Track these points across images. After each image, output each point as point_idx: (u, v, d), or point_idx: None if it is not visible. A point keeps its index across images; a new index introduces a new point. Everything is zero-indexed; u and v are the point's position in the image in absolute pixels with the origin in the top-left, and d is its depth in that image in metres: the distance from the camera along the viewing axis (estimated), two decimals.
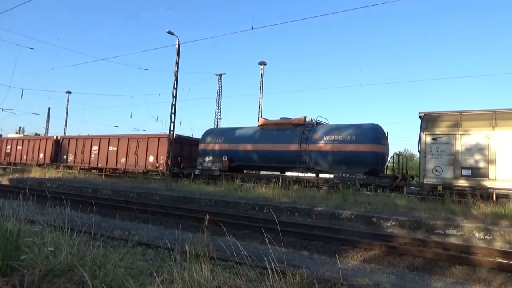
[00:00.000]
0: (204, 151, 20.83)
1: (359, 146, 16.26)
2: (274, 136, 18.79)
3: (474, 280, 6.12)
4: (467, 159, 13.81)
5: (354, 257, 7.46)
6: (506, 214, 10.35)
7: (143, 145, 24.58)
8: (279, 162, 18.58)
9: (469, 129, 13.96)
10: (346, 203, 12.72)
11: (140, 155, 24.66)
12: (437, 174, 14.24)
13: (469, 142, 13.90)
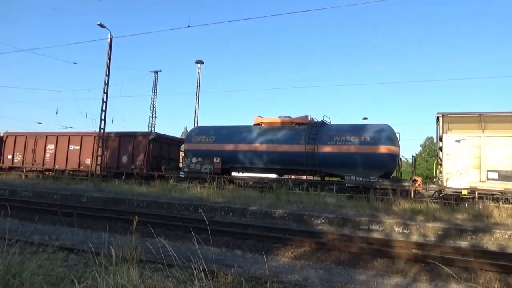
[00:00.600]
0: (191, 152, 18.87)
1: (375, 148, 15.32)
2: (275, 136, 17.28)
3: (393, 272, 6.60)
4: (493, 162, 13.53)
5: (286, 254, 7.67)
6: (421, 210, 11.33)
7: (115, 144, 21.81)
8: (282, 164, 17.18)
9: (494, 131, 13.65)
10: (279, 202, 13.05)
11: (111, 155, 21.76)
12: (461, 177, 13.77)
13: (495, 144, 13.54)
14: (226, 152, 18.00)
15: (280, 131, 17.49)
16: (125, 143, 21.48)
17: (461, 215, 11.06)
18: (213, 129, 19.10)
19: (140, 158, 20.76)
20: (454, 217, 10.87)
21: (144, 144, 20.87)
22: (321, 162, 16.18)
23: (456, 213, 11.36)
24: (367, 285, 5.60)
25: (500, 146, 13.46)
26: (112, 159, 21.76)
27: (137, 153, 20.97)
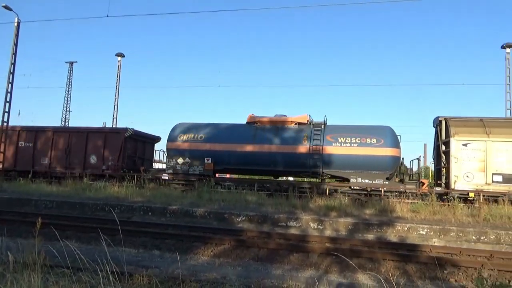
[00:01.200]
0: (176, 151, 17.08)
1: (382, 150, 15.05)
2: (275, 135, 16.26)
3: (307, 265, 6.97)
4: (498, 166, 14.07)
5: (205, 253, 7.67)
6: (335, 206, 12.09)
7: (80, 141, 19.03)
8: (283, 166, 16.14)
9: (498, 136, 14.21)
10: (201, 200, 12.99)
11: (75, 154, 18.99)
12: (468, 180, 14.16)
13: (498, 148, 14.08)
14: (219, 152, 16.55)
15: (279, 130, 16.46)
16: (94, 140, 18.83)
17: (369, 210, 12.03)
18: (202, 127, 17.49)
19: (113, 157, 18.37)
20: (363, 212, 11.79)
21: (118, 142, 18.43)
22: (326, 164, 15.62)
23: (365, 208, 12.34)
24: (282, 279, 5.82)
25: (503, 150, 14.08)
26: (76, 158, 18.97)
27: (109, 152, 18.53)
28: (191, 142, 16.89)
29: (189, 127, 17.52)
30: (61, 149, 19.18)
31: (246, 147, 16.23)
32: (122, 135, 18.53)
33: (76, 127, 19.69)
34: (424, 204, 12.20)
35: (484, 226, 10.06)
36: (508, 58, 21.59)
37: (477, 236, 9.44)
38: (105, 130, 19.40)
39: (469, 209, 11.94)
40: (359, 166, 15.20)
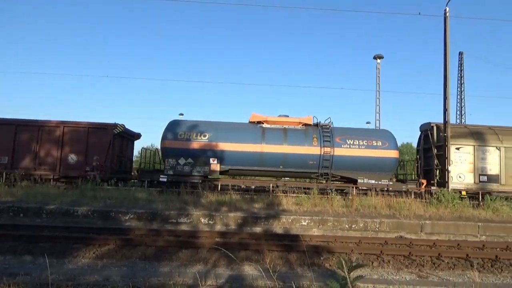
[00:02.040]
0: (176, 151, 15.57)
1: (387, 152, 15.79)
2: (283, 136, 15.87)
3: (196, 260, 7.00)
4: (483, 167, 16.01)
5: (87, 255, 7.14)
6: (226, 201, 12.35)
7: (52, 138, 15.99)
8: (291, 167, 15.85)
9: (483, 142, 16.16)
10: (84, 198, 12.04)
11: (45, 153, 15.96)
12: (460, 180, 15.96)
13: (483, 153, 16.09)
14: (226, 152, 15.66)
15: (288, 131, 16.16)
16: (74, 137, 16.12)
17: (258, 204, 12.56)
18: (206, 125, 16.28)
19: (98, 157, 15.95)
20: (253, 206, 12.27)
21: (105, 140, 16.10)
22: (337, 166, 15.82)
23: (254, 203, 12.85)
24: (169, 276, 5.75)
25: (487, 154, 16.15)
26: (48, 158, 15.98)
27: (94, 151, 16.02)
28: (194, 141, 15.74)
29: (191, 125, 16.25)
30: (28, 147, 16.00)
31: (255, 147, 15.67)
32: (110, 131, 16.21)
33: (48, 120, 16.51)
34: (307, 198, 13.22)
35: (356, 215, 11.34)
36: (378, 68, 24.68)
37: (350, 225, 10.60)
38: (88, 125, 16.46)
39: (344, 201, 13.31)
40: (366, 167, 15.81)
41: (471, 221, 11.14)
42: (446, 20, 15.23)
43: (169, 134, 15.89)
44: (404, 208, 12.28)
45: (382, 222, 10.66)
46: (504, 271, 7.28)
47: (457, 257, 8.07)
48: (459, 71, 37.96)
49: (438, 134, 16.62)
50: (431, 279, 6.43)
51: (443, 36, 15.40)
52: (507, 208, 12.91)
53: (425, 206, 12.87)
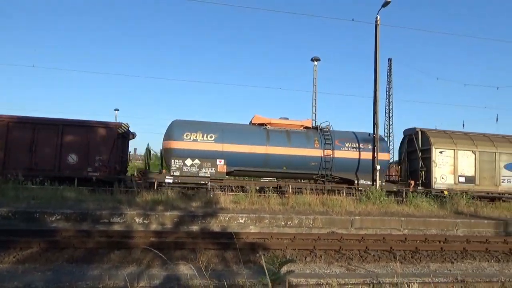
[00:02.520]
0: (183, 152, 15.48)
1: (380, 155, 16.61)
2: (287, 138, 16.47)
3: (129, 262, 6.75)
4: (462, 170, 17.53)
5: (6, 260, 6.58)
6: (162, 200, 12.07)
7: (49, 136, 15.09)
8: (294, 169, 16.47)
9: (461, 146, 17.72)
10: (4, 198, 11.07)
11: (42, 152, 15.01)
12: (443, 181, 17.29)
13: (462, 156, 17.63)
14: (232, 153, 15.83)
15: (291, 134, 16.75)
16: (74, 136, 15.30)
17: (195, 203, 12.44)
18: (211, 126, 16.31)
19: (101, 157, 15.30)
20: (190, 205, 12.12)
21: (108, 139, 15.49)
22: (336, 167, 16.63)
23: (192, 201, 12.71)
24: (99, 279, 5.50)
25: (465, 158, 17.69)
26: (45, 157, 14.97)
27: (96, 151, 15.35)
28: (200, 142, 15.70)
29: (197, 126, 16.15)
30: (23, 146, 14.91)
31: (261, 149, 16.09)
32: (114, 130, 15.71)
33: (45, 118, 15.52)
34: (244, 196, 13.35)
35: (291, 212, 11.68)
36: (316, 70, 25.61)
37: (285, 222, 10.90)
38: (91, 124, 15.68)
39: (281, 199, 13.64)
40: (362, 169, 16.82)
41: (396, 216, 11.99)
42: (377, 28, 16.23)
43: (174, 134, 15.78)
44: (337, 205, 12.90)
45: (316, 218, 11.08)
46: (423, 261, 7.95)
47: (382, 250, 8.65)
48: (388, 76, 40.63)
49: (423, 138, 17.93)
50: (359, 271, 6.83)
51: (374, 42, 16.39)
52: (426, 204, 14.09)
53: (355, 203, 13.62)
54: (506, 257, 8.68)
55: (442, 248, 9.02)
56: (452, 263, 7.95)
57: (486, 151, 17.92)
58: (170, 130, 15.92)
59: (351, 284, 5.55)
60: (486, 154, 17.91)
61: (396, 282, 5.60)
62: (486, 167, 17.87)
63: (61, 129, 15.26)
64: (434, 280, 6.19)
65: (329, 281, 5.49)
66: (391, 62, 40.66)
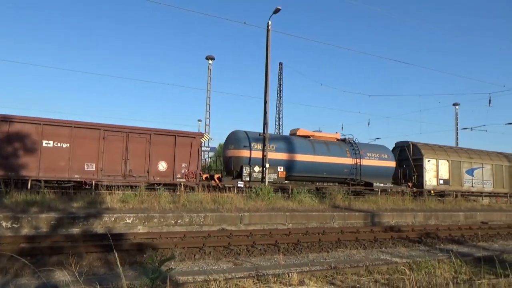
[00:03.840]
0: (252, 160, 17.59)
1: (390, 163, 21.59)
2: (326, 149, 19.59)
3: None
4: (441, 174, 22.59)
5: None
6: (37, 201, 10.86)
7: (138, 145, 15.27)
8: (332, 174, 19.69)
9: (440, 156, 22.88)
10: None
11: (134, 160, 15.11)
12: (430, 183, 22.19)
13: (441, 164, 22.78)
14: (288, 161, 18.32)
15: (329, 145, 20.01)
16: (162, 144, 15.89)
17: (77, 203, 11.48)
18: (272, 138, 18.52)
19: (186, 165, 16.27)
20: (71, 206, 11.14)
21: (194, 148, 16.57)
22: (362, 173, 20.28)
23: (73, 202, 11.69)
24: None
25: (443, 165, 22.79)
26: (138, 165, 15.29)
27: (182, 159, 16.21)
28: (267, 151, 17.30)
29: (254, 136, 18.14)
30: (116, 153, 14.99)
31: (309, 157, 18.94)
32: (198, 140, 16.91)
33: (136, 127, 15.86)
34: (133, 195, 12.79)
35: (182, 210, 11.58)
36: (210, 68, 25.73)
37: (175, 220, 10.76)
38: (176, 133, 16.35)
39: (172, 197, 13.41)
40: (378, 174, 20.94)
41: (281, 212, 12.78)
42: (268, 33, 17.03)
43: (240, 144, 17.71)
44: (227, 202, 13.20)
45: (206, 216, 11.18)
46: (303, 252, 8.62)
47: (268, 244, 9.14)
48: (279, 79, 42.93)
49: (414, 149, 22.82)
50: (245, 265, 7.10)
51: (265, 46, 17.18)
52: (309, 200, 15.31)
53: (245, 200, 14.11)
54: (371, 244, 9.93)
55: (320, 239, 9.92)
56: (328, 252, 8.79)
57: (455, 160, 23.39)
58: (238, 140, 17.88)
59: (237, 278, 5.73)
60: (455, 163, 23.34)
61: (278, 273, 5.96)
62: (455, 172, 23.26)
63: (150, 138, 15.69)
64: (311, 268, 6.75)
65: (216, 276, 5.60)
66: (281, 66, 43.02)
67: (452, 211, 17.12)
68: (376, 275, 6.48)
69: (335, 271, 6.51)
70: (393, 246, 9.82)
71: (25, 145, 13.46)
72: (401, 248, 9.63)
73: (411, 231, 12.05)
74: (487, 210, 18.88)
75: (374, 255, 8.67)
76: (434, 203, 19.35)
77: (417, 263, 7.19)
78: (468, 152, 24.81)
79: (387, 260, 7.94)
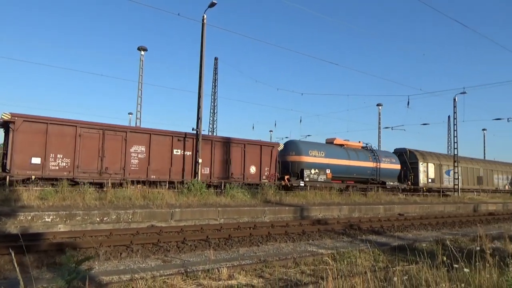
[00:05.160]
0: (310, 164, 21.71)
1: (397, 166, 26.66)
2: (355, 155, 24.53)
3: None
4: (429, 174, 28.86)
5: None
6: None
7: (237, 153, 19.37)
8: (359, 175, 24.54)
9: (430, 161, 29.29)
10: None
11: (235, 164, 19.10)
12: (423, 182, 28.24)
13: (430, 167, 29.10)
14: (332, 165, 22.73)
15: (357, 152, 24.78)
16: (251, 153, 19.90)
17: None
18: (319, 145, 23.70)
19: (268, 168, 20.31)
20: None
21: (274, 155, 20.63)
22: (380, 174, 25.31)
23: None
24: None
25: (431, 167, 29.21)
26: (236, 169, 19.21)
27: (265, 164, 20.25)
28: (318, 157, 21.99)
29: (312, 145, 22.80)
30: (222, 160, 18.79)
31: (345, 162, 23.57)
32: (276, 148, 20.91)
33: (235, 138, 19.73)
34: (54, 191, 11.92)
35: (109, 207, 11.03)
36: (142, 60, 24.77)
37: (101, 218, 10.22)
38: (261, 143, 20.63)
39: (98, 193, 12.72)
40: (389, 174, 26.15)
41: (214, 207, 12.75)
42: (204, 26, 16.81)
43: (303, 151, 21.73)
44: (158, 198, 12.85)
45: (135, 212, 10.79)
46: (234, 246, 8.69)
47: (199, 240, 9.07)
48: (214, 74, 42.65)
49: (410, 155, 28.51)
50: (174, 262, 6.97)
51: (200, 40, 16.94)
52: (241, 195, 15.45)
53: (177, 195, 13.85)
54: (299, 237, 10.31)
55: (251, 233, 10.07)
56: (258, 246, 8.96)
57: (437, 163, 29.77)
58: (298, 148, 21.87)
59: (165, 275, 5.60)
60: (438, 165, 29.73)
61: (208, 269, 5.94)
62: (438, 173, 29.52)
63: (244, 147, 19.65)
64: (241, 262, 6.83)
65: (143, 275, 5.43)
66: (217, 61, 42.81)
67: (374, 204, 18.37)
68: (302, 267, 6.75)
69: (264, 264, 6.65)
70: (319, 238, 10.29)
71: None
72: (327, 240, 10.13)
73: (337, 224, 12.73)
74: (404, 203, 20.55)
75: (302, 247, 9.01)
76: (358, 197, 20.62)
77: (341, 254, 7.61)
78: (446, 157, 31.92)
79: (313, 252, 8.29)
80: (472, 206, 23.27)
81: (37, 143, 13.86)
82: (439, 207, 21.26)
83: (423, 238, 10.98)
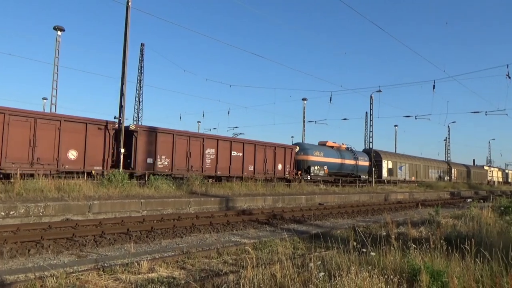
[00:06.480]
0: (314, 162, 27.32)
1: (367, 162, 33.15)
2: (343, 155, 30.64)
3: None
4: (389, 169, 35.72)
5: None
6: None
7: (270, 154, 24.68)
8: (345, 171, 30.74)
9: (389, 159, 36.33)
10: None
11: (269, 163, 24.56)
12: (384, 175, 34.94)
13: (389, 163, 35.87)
14: (329, 163, 28.72)
15: (344, 152, 31.31)
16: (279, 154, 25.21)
17: None
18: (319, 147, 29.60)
19: (289, 166, 25.84)
20: None
21: (293, 155, 26.31)
22: (358, 170, 31.77)
23: None
24: None
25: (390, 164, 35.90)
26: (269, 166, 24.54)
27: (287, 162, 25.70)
28: (319, 156, 28.03)
29: (315, 147, 29.00)
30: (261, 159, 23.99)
31: (339, 160, 29.89)
32: (294, 150, 26.67)
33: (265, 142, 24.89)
34: None
35: (16, 200, 10.08)
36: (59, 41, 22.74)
37: (7, 212, 9.30)
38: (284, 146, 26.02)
39: (4, 185, 11.55)
40: (364, 170, 32.44)
41: (136, 199, 12.29)
42: (128, 10, 15.95)
43: (309, 152, 27.38)
44: (75, 190, 12.06)
45: (47, 205, 10.00)
46: (156, 239, 8.47)
47: (119, 233, 8.69)
48: (140, 61, 40.84)
49: (376, 154, 34.00)
50: (90, 257, 6.59)
51: (125, 23, 16.07)
52: (166, 186, 15.09)
53: (96, 187, 13.09)
54: (224, 227, 10.39)
55: (175, 225, 9.91)
56: (182, 237, 8.84)
57: (394, 161, 36.79)
58: (305, 149, 27.53)
59: (79, 271, 5.27)
60: (394, 162, 36.59)
61: (126, 262, 5.71)
62: (394, 168, 36.22)
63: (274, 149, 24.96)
64: (163, 255, 6.68)
65: (54, 272, 5.07)
66: (143, 47, 41.07)
67: (296, 195, 19.14)
68: (225, 257, 6.82)
69: (186, 256, 6.60)
70: (243, 228, 10.47)
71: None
72: (250, 229, 10.34)
73: (261, 214, 13.04)
74: (324, 194, 21.70)
75: (226, 237, 9.09)
76: (282, 187, 21.29)
77: (263, 243, 7.82)
78: (399, 156, 39.92)
79: (237, 242, 8.41)
80: (383, 196, 25.39)
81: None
82: (355, 196, 22.83)
83: (339, 225, 11.71)
